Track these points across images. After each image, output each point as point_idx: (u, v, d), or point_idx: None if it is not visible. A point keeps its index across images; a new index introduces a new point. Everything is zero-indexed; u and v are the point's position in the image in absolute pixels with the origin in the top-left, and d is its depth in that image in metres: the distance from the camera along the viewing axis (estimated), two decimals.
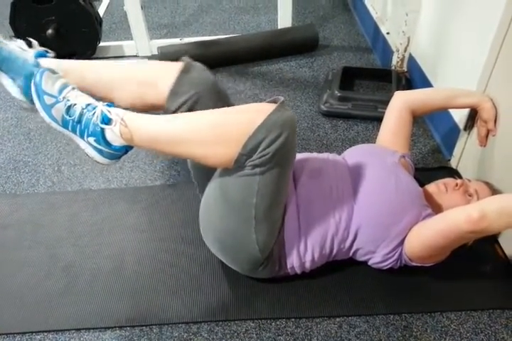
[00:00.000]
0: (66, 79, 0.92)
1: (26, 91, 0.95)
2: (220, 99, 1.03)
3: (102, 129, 0.87)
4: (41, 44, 1.89)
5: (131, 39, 2.06)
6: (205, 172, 1.04)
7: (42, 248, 1.20)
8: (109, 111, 0.87)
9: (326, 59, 2.04)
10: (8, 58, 0.99)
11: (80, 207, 1.32)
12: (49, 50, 1.04)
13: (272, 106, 0.84)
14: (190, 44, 1.96)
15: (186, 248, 1.19)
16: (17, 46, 1.01)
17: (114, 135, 0.88)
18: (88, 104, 0.88)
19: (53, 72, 0.92)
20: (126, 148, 0.92)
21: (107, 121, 0.87)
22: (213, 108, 0.90)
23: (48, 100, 0.88)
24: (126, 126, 0.87)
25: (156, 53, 1.99)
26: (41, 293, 1.09)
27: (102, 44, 2.04)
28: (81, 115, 0.88)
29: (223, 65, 2.00)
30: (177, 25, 2.39)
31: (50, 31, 1.85)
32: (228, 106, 1.00)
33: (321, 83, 1.86)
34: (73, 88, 0.91)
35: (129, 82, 1.02)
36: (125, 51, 2.10)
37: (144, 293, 1.08)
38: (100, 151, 0.90)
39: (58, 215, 1.30)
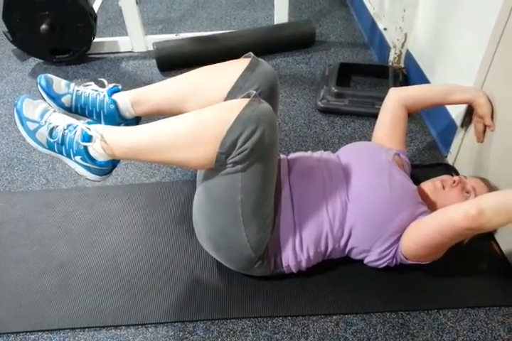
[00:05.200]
0: (46, 103, 0.95)
1: None
2: (274, 95, 1.06)
3: (85, 147, 0.89)
4: (35, 39, 1.88)
5: (126, 35, 2.04)
6: None
7: (36, 246, 1.19)
8: (88, 129, 0.89)
9: (322, 55, 2.02)
10: (87, 103, 1.04)
11: (75, 205, 1.31)
12: (118, 85, 1.09)
13: (244, 102, 0.83)
14: (186, 40, 1.94)
15: (182, 247, 1.18)
16: (91, 90, 1.06)
17: (96, 151, 0.89)
18: (69, 125, 0.90)
19: (34, 97, 0.94)
20: (113, 163, 0.94)
21: (87, 138, 0.89)
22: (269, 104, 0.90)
23: (31, 126, 0.90)
24: (106, 141, 0.88)
25: (152, 49, 1.98)
26: (35, 292, 1.08)
27: (96, 40, 2.01)
28: (63, 136, 0.90)
29: (219, 61, 1.97)
30: (173, 20, 2.37)
31: (44, 26, 1.82)
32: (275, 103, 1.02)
33: (318, 79, 1.84)
34: (54, 111, 0.92)
35: (195, 91, 1.04)
36: (120, 47, 2.08)
37: (138, 292, 1.07)
38: (88, 168, 0.93)
39: (53, 213, 1.29)
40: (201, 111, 0.88)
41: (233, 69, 1.04)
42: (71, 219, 1.27)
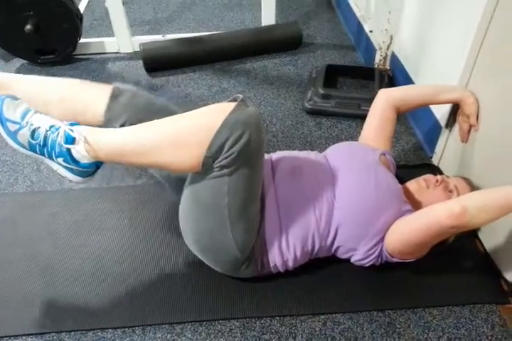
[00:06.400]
0: (27, 104, 0.92)
1: None
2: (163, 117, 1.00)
3: (68, 149, 0.88)
4: (20, 40, 1.85)
5: (113, 35, 2.03)
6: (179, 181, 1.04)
7: (21, 248, 1.17)
8: (71, 131, 0.87)
9: (309, 57, 2.04)
10: None
11: (60, 207, 1.29)
12: None
13: (231, 105, 0.84)
14: (172, 41, 1.94)
15: (168, 248, 1.17)
16: None
17: (79, 153, 0.88)
18: (51, 126, 0.88)
19: (14, 98, 0.92)
20: (96, 164, 0.92)
21: (70, 140, 0.87)
22: None
23: (12, 127, 0.88)
24: (89, 143, 0.87)
25: (138, 50, 1.97)
26: (19, 295, 1.06)
27: (82, 40, 2.00)
28: (46, 137, 0.88)
29: (207, 62, 1.98)
30: (159, 21, 2.36)
31: (28, 27, 1.80)
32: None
33: (305, 81, 1.86)
34: (36, 112, 0.90)
35: (63, 103, 1.00)
36: (106, 48, 2.06)
37: (124, 294, 1.07)
38: (71, 170, 0.91)
39: (38, 215, 1.27)
40: (188, 114, 0.88)
41: (100, 94, 1.01)
42: (56, 222, 1.25)
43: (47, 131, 0.88)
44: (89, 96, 1.02)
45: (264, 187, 1.00)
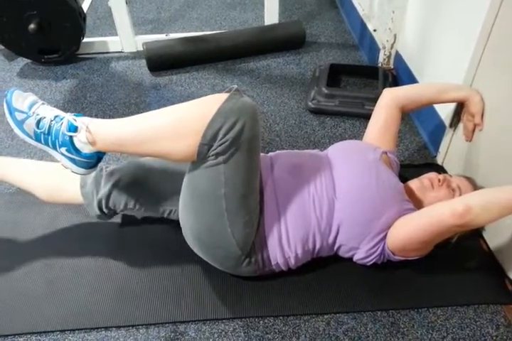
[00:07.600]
0: (35, 96, 0.96)
1: None
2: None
3: (70, 137, 0.90)
4: (23, 39, 1.86)
5: (116, 35, 2.03)
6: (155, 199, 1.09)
7: (22, 248, 1.18)
8: (74, 120, 0.90)
9: (313, 56, 2.03)
10: None
11: (62, 207, 1.29)
12: None
13: (226, 95, 0.86)
14: (175, 40, 1.94)
15: (171, 247, 1.17)
16: None
17: (81, 142, 0.90)
18: (56, 116, 0.91)
19: (23, 91, 0.95)
20: (98, 155, 0.94)
21: (73, 129, 0.90)
22: None
23: (19, 116, 0.92)
24: (91, 132, 0.89)
25: (142, 49, 1.97)
26: (22, 294, 1.07)
27: (86, 40, 2.00)
28: (50, 127, 0.91)
29: (210, 62, 1.99)
30: (163, 20, 2.36)
31: (32, 26, 1.80)
32: None
33: (309, 80, 1.85)
34: (42, 103, 0.94)
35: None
36: (110, 47, 2.07)
37: (129, 293, 1.07)
38: (73, 161, 0.93)
39: (40, 215, 1.27)
40: (184, 105, 0.89)
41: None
42: (60, 220, 1.25)
43: (51, 120, 0.91)
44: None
45: (263, 183, 1.00)
